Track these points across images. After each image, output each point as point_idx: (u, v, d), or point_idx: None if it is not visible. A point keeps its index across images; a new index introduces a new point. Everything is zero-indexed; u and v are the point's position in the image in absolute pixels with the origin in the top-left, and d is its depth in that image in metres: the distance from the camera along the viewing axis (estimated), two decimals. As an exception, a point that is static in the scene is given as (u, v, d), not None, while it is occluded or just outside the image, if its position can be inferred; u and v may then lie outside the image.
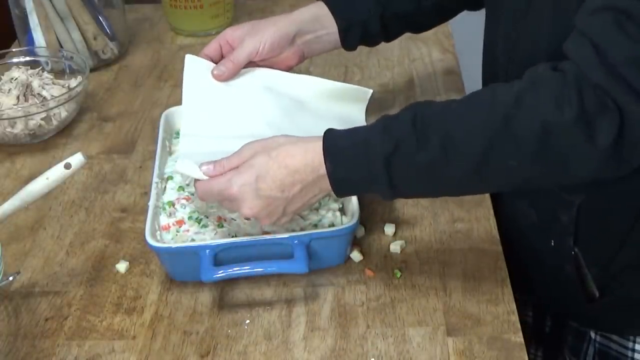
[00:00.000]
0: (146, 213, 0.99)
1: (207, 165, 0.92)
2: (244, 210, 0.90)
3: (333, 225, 1.00)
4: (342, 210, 1.03)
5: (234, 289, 0.98)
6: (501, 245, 1.02)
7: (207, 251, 0.94)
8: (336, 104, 1.13)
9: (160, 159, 1.09)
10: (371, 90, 1.16)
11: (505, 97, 0.81)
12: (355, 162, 0.85)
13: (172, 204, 1.04)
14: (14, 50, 1.43)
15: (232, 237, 0.98)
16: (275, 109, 1.07)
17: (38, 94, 1.29)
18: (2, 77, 1.34)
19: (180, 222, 1.01)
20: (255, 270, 0.93)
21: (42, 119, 1.25)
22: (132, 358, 0.90)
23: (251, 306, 0.96)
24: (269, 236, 0.97)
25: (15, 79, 1.30)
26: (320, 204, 1.03)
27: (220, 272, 0.92)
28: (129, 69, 1.50)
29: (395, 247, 1.02)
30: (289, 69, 1.14)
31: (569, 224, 0.97)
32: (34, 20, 1.43)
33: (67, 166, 0.96)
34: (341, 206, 1.03)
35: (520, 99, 0.79)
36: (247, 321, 0.94)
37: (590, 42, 0.77)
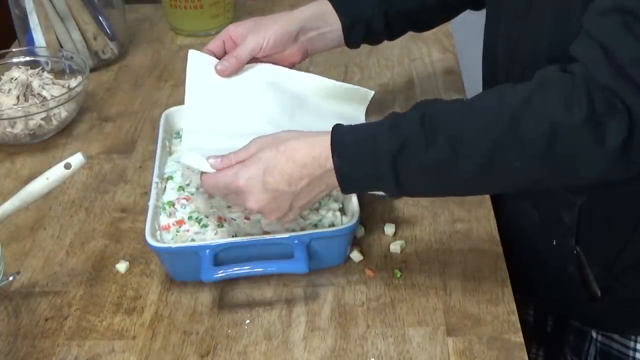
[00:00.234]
0: (146, 213, 0.99)
1: (214, 159, 0.92)
2: (250, 203, 0.89)
3: (333, 225, 1.00)
4: (342, 210, 1.03)
5: (234, 289, 0.98)
6: (502, 245, 1.02)
7: (207, 251, 0.94)
8: (337, 103, 1.13)
9: (160, 159, 1.09)
10: (372, 92, 1.16)
11: (513, 98, 0.81)
12: (362, 158, 0.85)
13: (172, 204, 1.04)
14: (14, 50, 1.44)
15: (232, 237, 0.98)
16: (276, 106, 1.07)
17: (38, 94, 1.29)
18: (2, 77, 1.34)
19: (180, 222, 1.01)
20: (255, 270, 0.93)
21: (42, 119, 1.25)
22: (132, 358, 0.90)
23: (251, 306, 0.96)
24: (269, 236, 0.97)
25: (15, 79, 1.31)
26: (320, 204, 1.03)
27: (220, 272, 0.92)
28: (129, 69, 1.50)
29: (395, 247, 1.02)
30: (292, 66, 1.13)
31: (571, 224, 0.97)
32: (34, 20, 1.43)
33: (67, 166, 0.96)
34: (341, 206, 1.03)
35: (528, 100, 0.79)
36: (247, 321, 0.94)
37: (598, 44, 0.77)
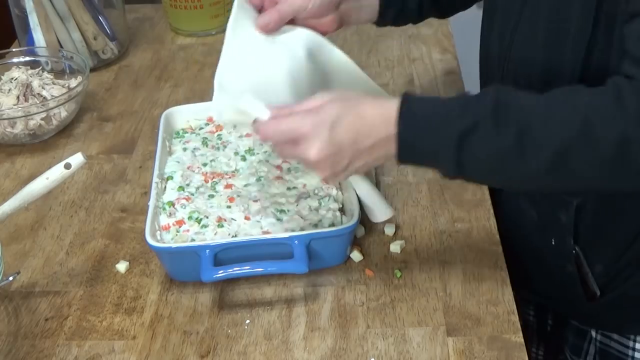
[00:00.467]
0: (146, 213, 0.99)
1: (274, 107, 0.87)
2: (311, 152, 0.83)
3: (333, 225, 1.00)
4: (342, 210, 1.03)
5: (234, 289, 0.98)
6: (502, 244, 1.02)
7: (207, 251, 0.94)
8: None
9: (160, 159, 1.09)
10: (395, 102, 1.12)
11: (588, 100, 0.80)
12: (429, 130, 0.82)
13: (172, 204, 1.04)
14: (14, 50, 1.44)
15: (232, 237, 0.98)
16: (307, 81, 1.01)
17: (38, 94, 1.29)
18: (2, 77, 1.34)
19: (180, 222, 1.01)
20: (255, 270, 0.93)
21: (42, 119, 1.25)
22: (132, 358, 0.90)
23: (251, 306, 0.96)
24: (269, 236, 0.97)
25: (15, 79, 1.31)
26: (321, 204, 1.03)
27: (220, 272, 0.92)
28: (129, 69, 1.50)
29: (395, 247, 1.02)
30: (324, 35, 1.07)
31: (569, 223, 0.98)
32: (34, 20, 1.43)
33: (67, 166, 0.96)
34: (341, 206, 1.03)
35: (603, 105, 0.78)
36: (247, 321, 0.94)
37: None
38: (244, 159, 1.12)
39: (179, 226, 1.01)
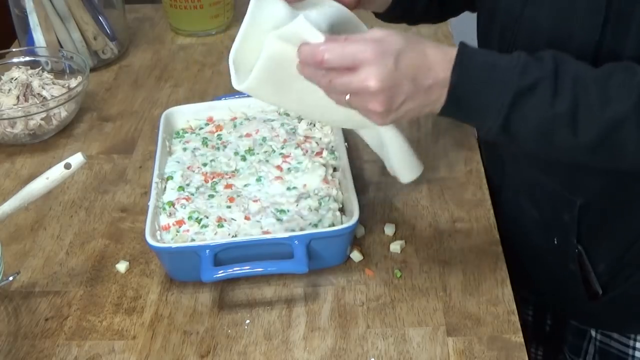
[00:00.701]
0: (146, 213, 0.99)
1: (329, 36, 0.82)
2: (372, 80, 0.78)
3: (333, 225, 1.00)
4: (342, 210, 1.03)
5: (234, 289, 0.98)
6: (502, 244, 1.02)
7: (207, 251, 0.94)
8: None
9: (160, 159, 1.09)
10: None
11: None
12: (485, 83, 0.80)
13: (172, 204, 1.04)
14: (14, 50, 1.44)
15: (232, 237, 0.98)
16: None
17: (38, 94, 1.29)
18: (2, 77, 1.34)
19: (180, 222, 1.01)
20: (255, 270, 0.93)
21: (42, 119, 1.25)
22: (132, 358, 0.90)
23: (251, 306, 0.96)
24: (269, 236, 0.97)
25: (15, 79, 1.31)
26: (321, 204, 1.03)
27: (220, 272, 0.92)
28: (129, 69, 1.50)
29: (395, 247, 1.02)
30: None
31: (572, 223, 0.97)
32: (34, 20, 1.43)
33: (67, 166, 0.96)
34: (341, 206, 1.03)
35: None
36: (247, 321, 0.94)
37: None
38: (244, 159, 1.12)
39: (179, 226, 1.01)
